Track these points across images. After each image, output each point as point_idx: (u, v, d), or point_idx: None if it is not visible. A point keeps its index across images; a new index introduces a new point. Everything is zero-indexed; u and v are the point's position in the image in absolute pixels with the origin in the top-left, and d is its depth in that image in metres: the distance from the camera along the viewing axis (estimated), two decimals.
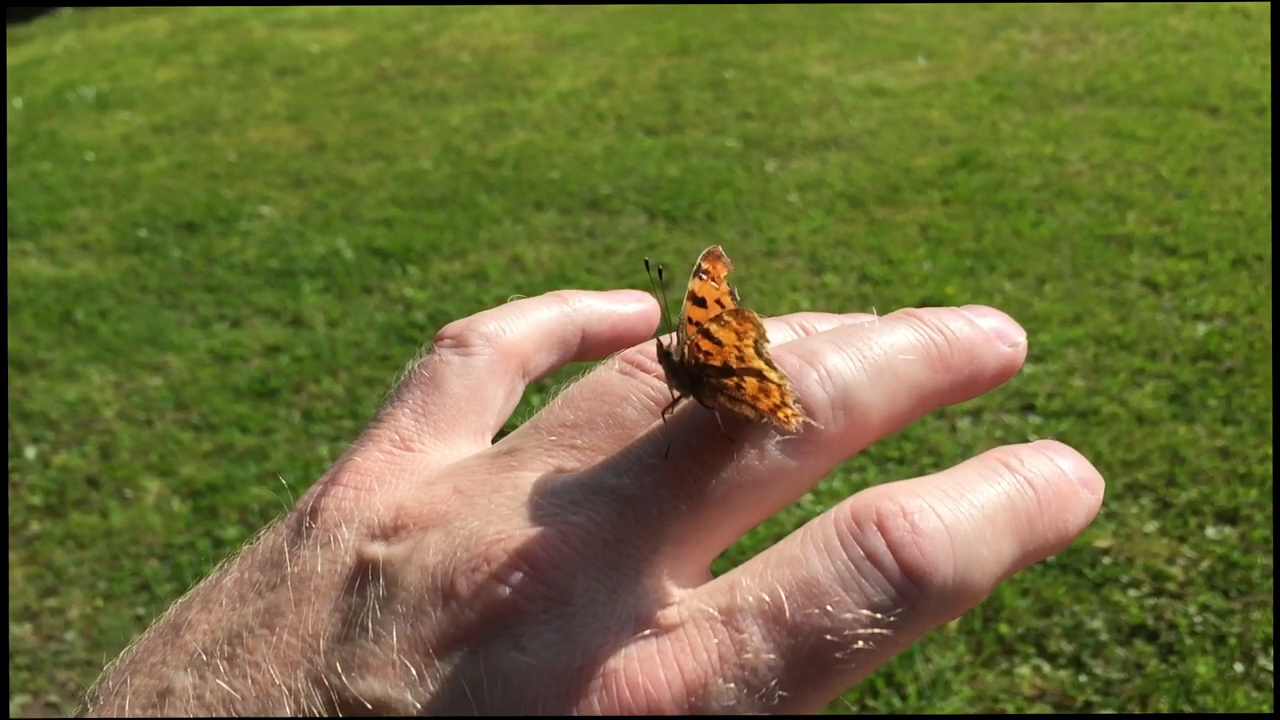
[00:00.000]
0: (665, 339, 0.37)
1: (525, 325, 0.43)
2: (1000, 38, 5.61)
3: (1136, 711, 1.94)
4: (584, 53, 6.06)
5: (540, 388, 0.42)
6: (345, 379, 3.16)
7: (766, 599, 0.30)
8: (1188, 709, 1.93)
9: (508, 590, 0.30)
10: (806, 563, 0.30)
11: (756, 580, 0.31)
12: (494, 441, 0.40)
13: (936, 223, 3.75)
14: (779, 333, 0.41)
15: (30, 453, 2.97)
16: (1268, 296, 3.10)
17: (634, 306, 0.46)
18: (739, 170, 4.35)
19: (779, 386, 0.33)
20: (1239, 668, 2.00)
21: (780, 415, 0.33)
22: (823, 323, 0.41)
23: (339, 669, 0.30)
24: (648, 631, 0.30)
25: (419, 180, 4.54)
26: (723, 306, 0.38)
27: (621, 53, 5.99)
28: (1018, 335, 0.39)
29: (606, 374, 0.38)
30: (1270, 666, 1.99)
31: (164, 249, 4.11)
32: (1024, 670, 2.04)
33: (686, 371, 0.36)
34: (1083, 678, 2.01)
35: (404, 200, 4.35)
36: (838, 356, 0.35)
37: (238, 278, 3.83)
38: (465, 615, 0.30)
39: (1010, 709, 1.97)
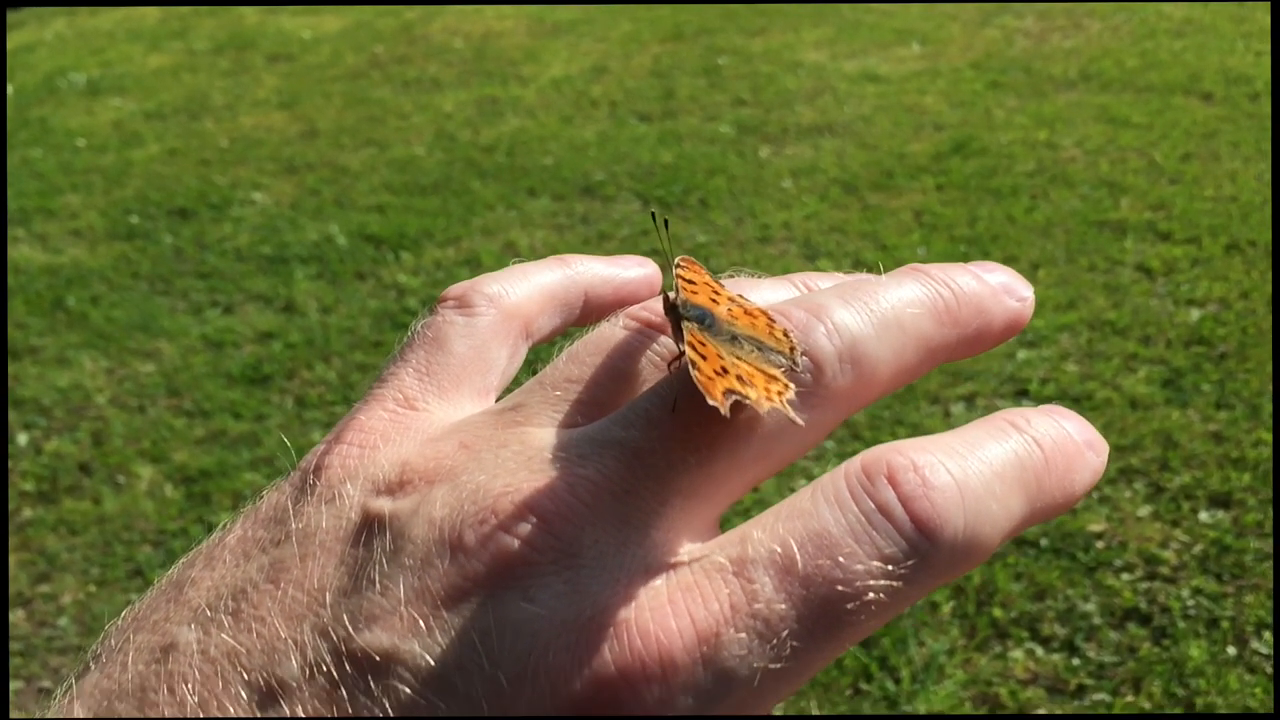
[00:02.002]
0: (671, 293, 0.37)
1: (528, 287, 0.43)
2: (994, 24, 5.61)
3: (1129, 694, 1.95)
4: (577, 39, 6.04)
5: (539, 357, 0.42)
6: (338, 365, 3.15)
7: (778, 550, 0.30)
8: (1180, 692, 1.94)
9: (516, 542, 0.30)
10: (818, 515, 0.31)
11: (767, 532, 0.31)
12: (498, 400, 0.40)
13: (930, 209, 3.75)
14: (782, 290, 0.41)
15: (22, 439, 2.97)
16: (1261, 282, 3.10)
17: (637, 271, 0.47)
18: (733, 156, 4.35)
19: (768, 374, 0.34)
20: (1231, 651, 2.00)
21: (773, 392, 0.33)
22: (826, 281, 0.41)
23: (346, 621, 0.30)
24: (658, 583, 0.30)
25: (412, 166, 4.52)
26: (711, 287, 0.39)
27: (615, 39, 5.97)
28: (1025, 290, 0.40)
29: (611, 329, 0.38)
30: (1264, 650, 2.00)
31: (156, 235, 4.09)
32: (1017, 654, 2.04)
33: None
34: (1076, 661, 2.02)
35: (397, 186, 4.33)
36: (845, 310, 0.35)
37: (230, 264, 3.82)
38: (473, 567, 0.30)
39: (1003, 692, 1.97)
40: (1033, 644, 2.06)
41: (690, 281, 0.39)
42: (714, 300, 0.38)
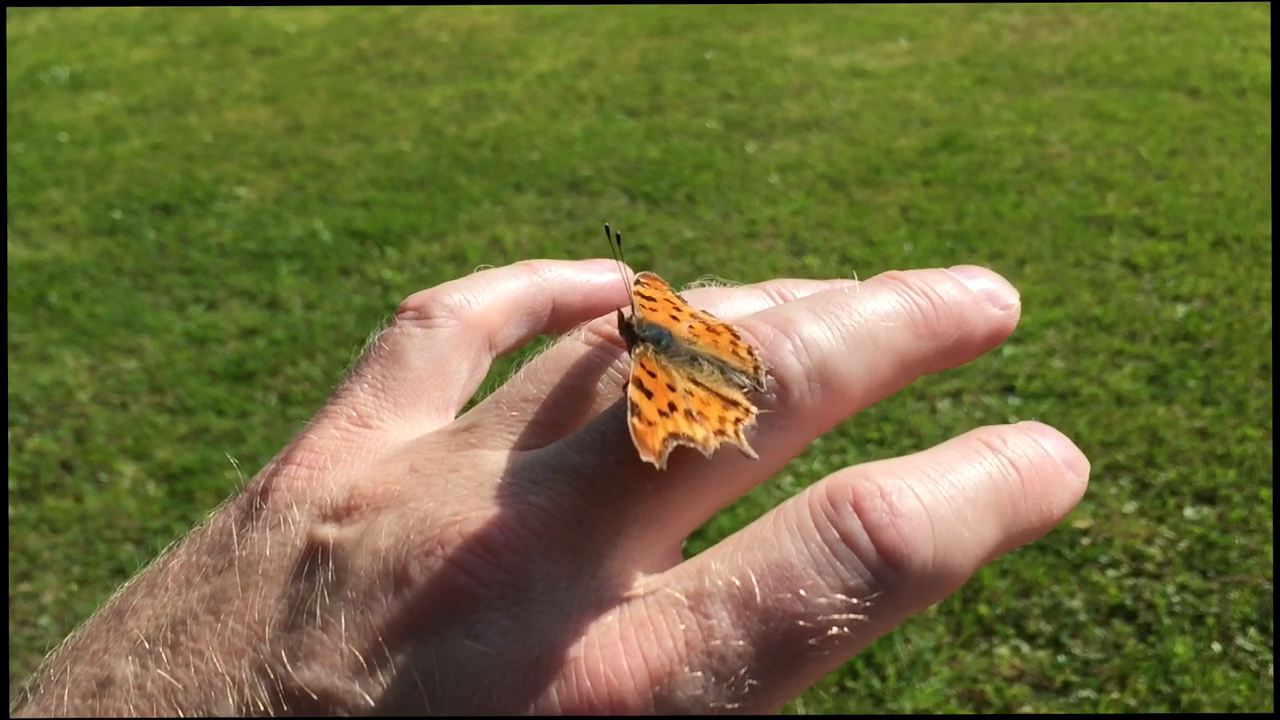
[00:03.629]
0: (626, 310, 0.36)
1: (492, 296, 0.41)
2: (981, 19, 5.60)
3: (1115, 691, 1.95)
4: (564, 33, 6.02)
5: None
6: (322, 361, 3.14)
7: (736, 583, 0.29)
8: (1166, 689, 1.94)
9: (462, 575, 0.29)
10: (779, 545, 0.29)
11: (726, 563, 0.29)
12: (458, 417, 0.38)
13: (917, 204, 3.74)
14: (755, 300, 0.39)
15: None
16: (1247, 278, 3.11)
17: (608, 276, 0.44)
18: (720, 152, 4.34)
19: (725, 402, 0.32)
20: (1216, 647, 2.00)
21: (729, 426, 0.31)
22: (801, 289, 0.40)
23: (284, 658, 0.29)
24: (610, 618, 0.29)
25: (397, 161, 4.50)
26: (672, 304, 0.37)
27: (602, 33, 5.95)
28: (1010, 297, 0.38)
29: (571, 345, 0.37)
30: (1249, 646, 2.00)
31: (139, 231, 4.06)
32: (1003, 651, 2.04)
33: None
34: (1061, 658, 2.02)
35: (382, 182, 4.31)
36: (815, 325, 0.34)
37: (214, 260, 3.80)
38: (417, 602, 0.29)
39: (989, 689, 1.97)
40: (1018, 641, 2.06)
41: (649, 299, 0.37)
42: (674, 317, 0.36)
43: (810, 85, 4.96)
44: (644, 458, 0.29)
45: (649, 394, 0.32)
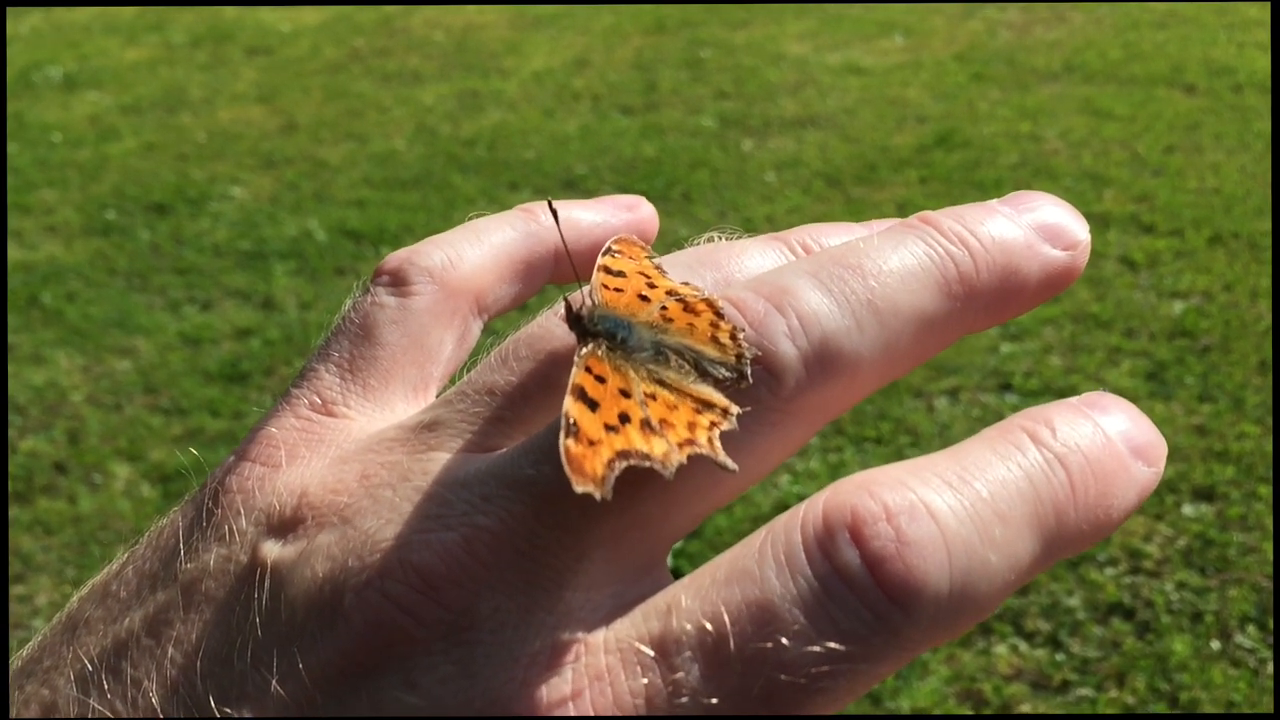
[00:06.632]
0: (575, 298, 0.31)
1: (480, 253, 0.36)
2: (977, 16, 5.59)
3: (1113, 690, 1.94)
4: (559, 31, 6.00)
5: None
6: None
7: (709, 627, 0.25)
8: (1164, 687, 1.93)
9: (398, 614, 0.26)
10: (761, 580, 0.25)
11: (699, 600, 0.25)
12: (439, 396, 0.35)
13: (914, 202, 3.73)
14: (771, 255, 0.34)
15: None
16: (1244, 274, 3.10)
17: (622, 216, 0.39)
18: (715, 150, 4.32)
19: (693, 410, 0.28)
20: (1215, 645, 1.99)
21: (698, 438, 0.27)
22: (830, 235, 0.34)
23: (213, 700, 0.26)
24: (564, 666, 0.25)
25: (392, 161, 4.49)
26: (646, 277, 0.33)
27: (597, 31, 5.94)
28: (1077, 231, 0.31)
29: (549, 324, 0.32)
30: (1248, 644, 1.99)
31: (132, 231, 4.05)
32: (1001, 649, 2.03)
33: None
34: (1060, 656, 2.01)
35: (377, 181, 4.30)
36: (816, 294, 0.28)
37: (208, 260, 3.78)
38: (350, 642, 0.26)
39: (987, 688, 1.96)
40: (1016, 639, 2.05)
41: (617, 273, 0.33)
42: (644, 297, 0.32)
43: (806, 83, 4.95)
44: (578, 488, 0.25)
45: (594, 405, 0.27)
